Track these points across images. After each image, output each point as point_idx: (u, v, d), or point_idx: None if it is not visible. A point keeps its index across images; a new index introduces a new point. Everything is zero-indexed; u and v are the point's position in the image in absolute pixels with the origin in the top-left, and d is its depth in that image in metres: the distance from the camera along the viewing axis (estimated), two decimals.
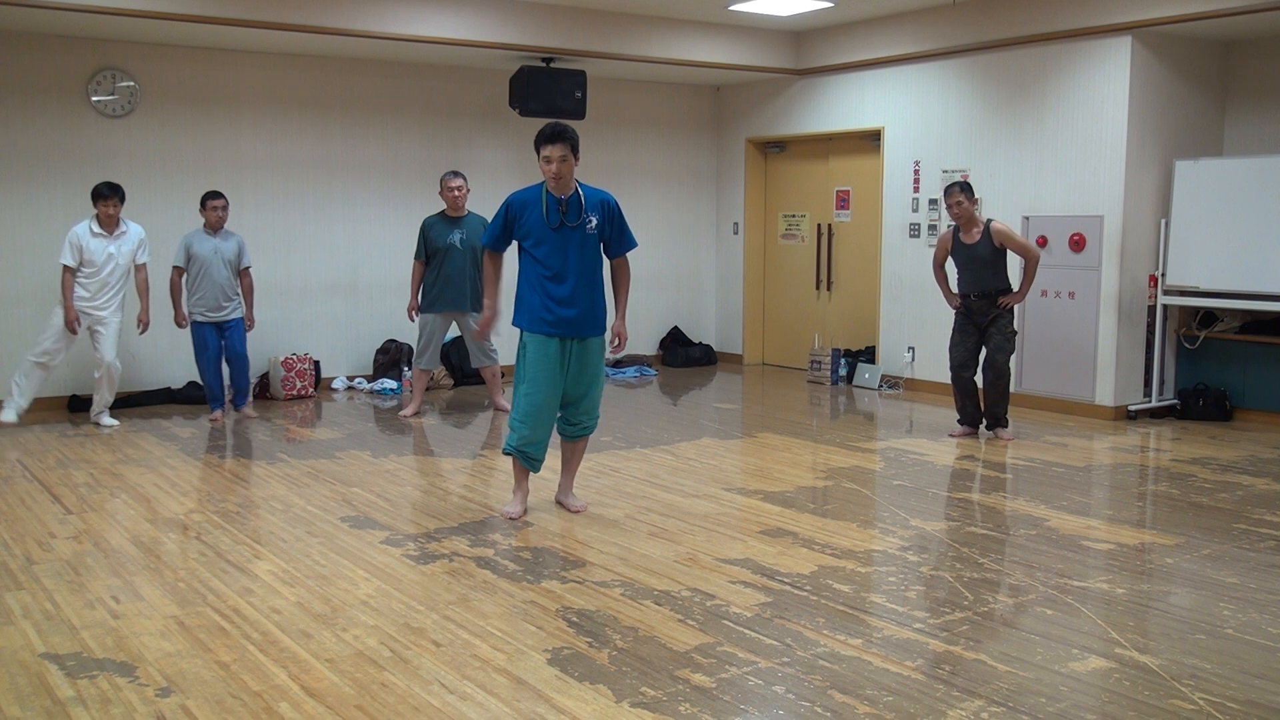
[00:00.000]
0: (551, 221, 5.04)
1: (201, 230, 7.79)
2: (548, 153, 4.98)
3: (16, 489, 5.90)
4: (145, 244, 7.67)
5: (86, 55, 8.20)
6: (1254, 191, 7.51)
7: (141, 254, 7.65)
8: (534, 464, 5.27)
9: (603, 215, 5.13)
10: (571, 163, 5.02)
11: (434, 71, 9.57)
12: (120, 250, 7.52)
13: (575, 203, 5.07)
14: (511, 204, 5.14)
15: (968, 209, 7.04)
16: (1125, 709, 3.24)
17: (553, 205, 5.05)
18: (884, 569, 4.60)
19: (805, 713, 3.22)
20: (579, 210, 5.07)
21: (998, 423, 7.26)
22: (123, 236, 7.53)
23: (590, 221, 5.09)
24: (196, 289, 7.73)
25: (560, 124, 5.04)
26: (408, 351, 9.33)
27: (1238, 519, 5.34)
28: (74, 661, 3.59)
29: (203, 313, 7.75)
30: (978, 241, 7.06)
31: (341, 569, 4.54)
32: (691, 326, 11.28)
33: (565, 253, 5.06)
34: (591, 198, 5.13)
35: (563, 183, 5.04)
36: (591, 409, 5.29)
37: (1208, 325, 8.09)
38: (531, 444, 5.17)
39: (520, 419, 5.13)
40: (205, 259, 7.71)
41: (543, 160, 5.01)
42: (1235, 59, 8.18)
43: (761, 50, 9.80)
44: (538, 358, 5.08)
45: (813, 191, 10.51)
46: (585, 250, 5.10)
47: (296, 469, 6.40)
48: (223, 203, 7.78)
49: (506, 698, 3.31)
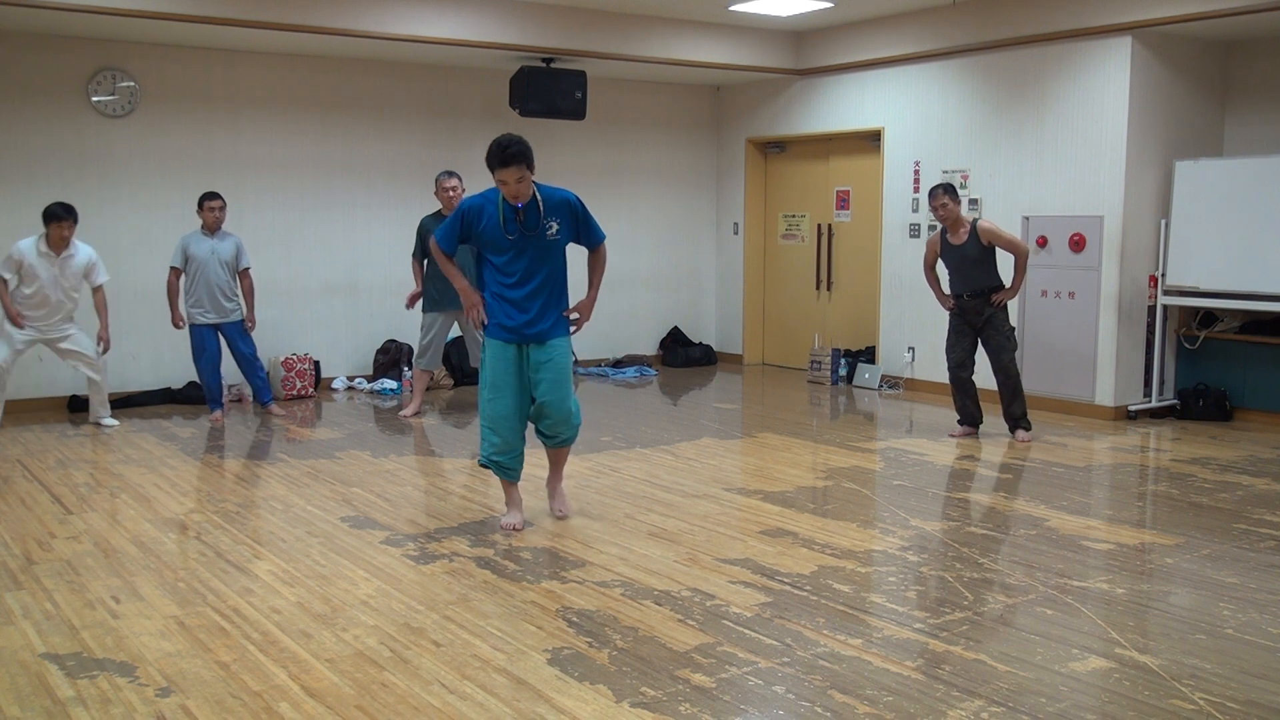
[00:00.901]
0: (509, 231, 4.84)
1: (199, 231, 7.76)
2: (503, 176, 4.72)
3: (16, 489, 5.90)
4: (98, 265, 7.46)
5: (86, 55, 8.20)
6: (1254, 191, 7.51)
7: (96, 275, 7.45)
8: (510, 473, 5.11)
9: (565, 217, 4.95)
10: (529, 178, 4.79)
11: (434, 71, 9.57)
12: (64, 273, 7.30)
13: (533, 209, 4.86)
14: (466, 212, 4.90)
15: (953, 210, 7.05)
16: (1125, 709, 3.24)
17: (510, 215, 4.84)
18: (884, 569, 4.60)
19: (805, 713, 3.22)
20: (538, 217, 4.87)
21: (1018, 424, 7.22)
22: (70, 260, 7.31)
23: (551, 227, 4.90)
24: (193, 291, 7.70)
25: (511, 145, 4.72)
26: (407, 351, 9.34)
27: (1238, 519, 5.34)
28: (74, 661, 3.59)
29: (200, 314, 7.72)
30: (965, 242, 7.07)
31: (341, 569, 4.54)
32: (691, 326, 11.29)
33: (525, 260, 4.89)
34: (551, 199, 4.92)
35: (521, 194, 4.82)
36: (565, 417, 5.07)
37: (1208, 325, 8.09)
38: (502, 452, 5.02)
39: (488, 426, 5.01)
40: (202, 260, 7.68)
41: (499, 182, 4.77)
42: (1235, 59, 8.18)
43: (761, 50, 9.81)
44: (495, 361, 4.96)
45: (813, 191, 10.51)
46: (546, 256, 4.92)
47: (296, 469, 6.40)
48: (220, 204, 7.75)
49: (506, 698, 3.31)
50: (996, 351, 7.11)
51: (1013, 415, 7.23)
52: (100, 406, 7.67)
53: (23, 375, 7.95)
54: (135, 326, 8.49)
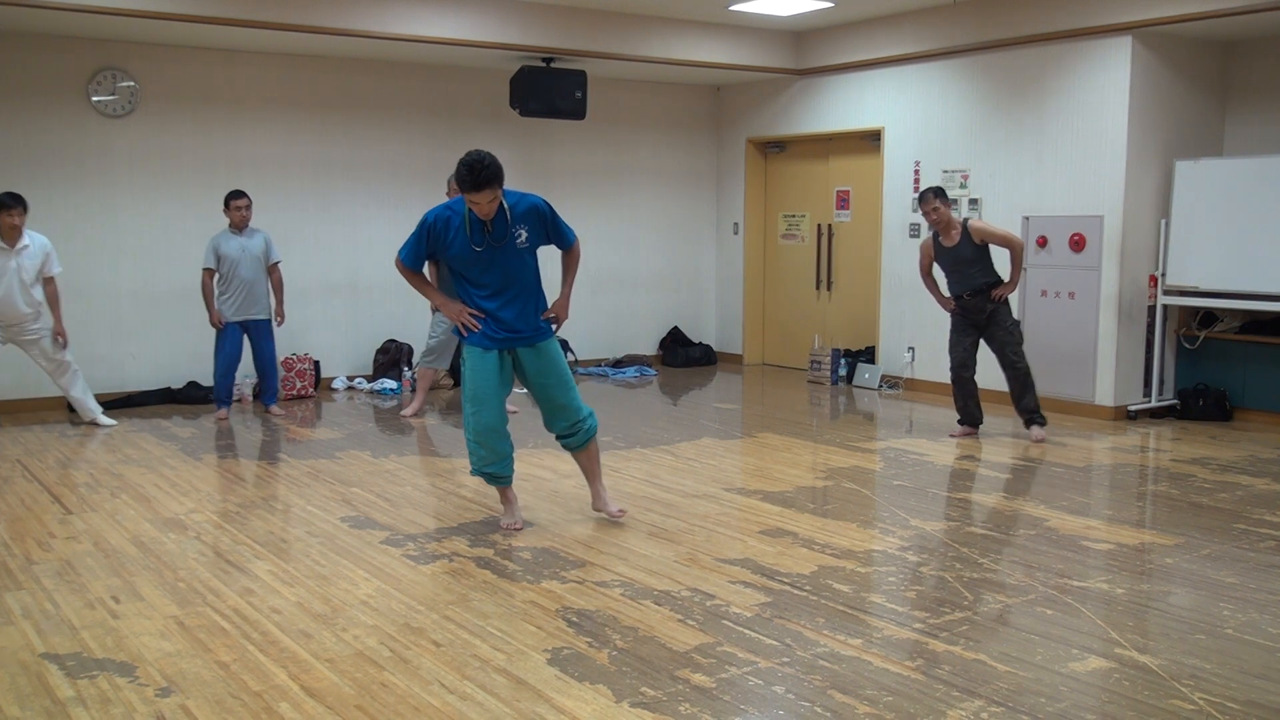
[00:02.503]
0: (476, 243, 4.78)
1: (227, 230, 7.82)
2: (475, 199, 4.64)
3: (16, 489, 5.90)
4: (53, 255, 7.40)
5: (86, 55, 8.20)
6: (1254, 191, 7.51)
7: (50, 265, 7.37)
8: (501, 480, 5.09)
9: (533, 223, 4.86)
10: (499, 196, 4.70)
11: (434, 71, 9.57)
12: (22, 264, 7.22)
13: (500, 220, 4.78)
14: (431, 225, 4.84)
15: (944, 214, 7.04)
16: (1125, 709, 3.24)
17: (476, 225, 4.77)
18: (884, 569, 4.60)
19: (805, 713, 3.22)
20: (505, 226, 4.79)
21: (1032, 418, 7.15)
22: (24, 250, 7.23)
23: (520, 235, 4.82)
24: (226, 289, 7.77)
25: (483, 169, 4.59)
26: (408, 351, 9.34)
27: (1238, 519, 5.34)
28: (74, 661, 3.59)
29: (231, 312, 7.78)
30: (958, 243, 7.06)
31: (341, 569, 4.54)
32: (691, 326, 11.29)
33: (497, 271, 4.82)
34: (519, 207, 4.84)
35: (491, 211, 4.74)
36: (574, 412, 5.05)
37: (1208, 325, 8.08)
38: (492, 464, 5.00)
39: (475, 440, 4.96)
40: (234, 258, 7.74)
41: (470, 203, 4.68)
42: (1235, 59, 8.18)
43: (761, 50, 9.80)
44: (476, 373, 4.92)
45: (813, 191, 10.51)
46: (517, 264, 4.85)
47: (296, 469, 6.40)
48: (246, 202, 7.81)
49: (506, 698, 3.31)
50: (1003, 347, 7.10)
51: (1026, 409, 7.16)
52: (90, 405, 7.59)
53: (23, 375, 7.95)
54: (135, 326, 8.49)
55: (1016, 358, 7.10)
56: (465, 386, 5.00)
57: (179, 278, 8.49)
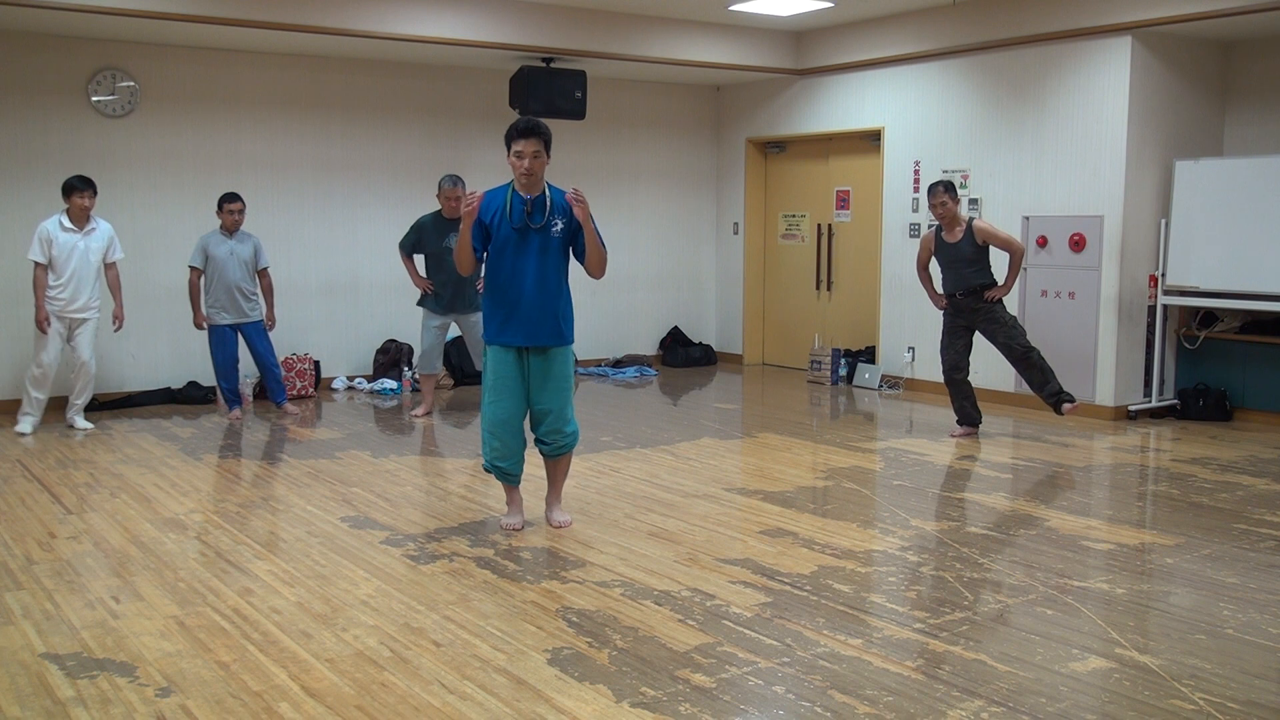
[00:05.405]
0: (515, 221, 4.82)
1: (218, 232, 7.80)
2: (520, 148, 4.73)
3: (16, 489, 5.90)
4: (116, 241, 7.53)
5: (86, 55, 8.20)
6: (1254, 191, 7.51)
7: (114, 251, 7.51)
8: (510, 478, 5.11)
9: (570, 219, 4.89)
10: (544, 160, 4.79)
11: (434, 71, 9.57)
12: (90, 246, 7.35)
13: (541, 204, 4.85)
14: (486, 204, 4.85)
15: (951, 209, 7.05)
16: (1125, 709, 3.24)
17: (518, 204, 4.83)
18: (884, 569, 4.60)
19: (805, 713, 3.22)
20: (544, 213, 4.85)
21: (1061, 397, 7.10)
22: (93, 233, 7.37)
23: (556, 225, 4.87)
24: (212, 291, 7.75)
25: (535, 119, 4.82)
26: (408, 351, 9.34)
27: (1238, 519, 5.34)
28: (74, 661, 3.59)
29: (220, 315, 7.76)
30: (961, 240, 7.07)
31: (341, 569, 4.54)
32: (691, 326, 11.28)
33: (525, 255, 4.85)
34: (560, 200, 4.89)
35: (533, 181, 4.81)
36: (562, 424, 5.03)
37: (1208, 325, 8.08)
38: (503, 458, 5.03)
39: (489, 430, 5.01)
40: (221, 261, 7.72)
41: (514, 156, 4.76)
42: (1235, 59, 8.18)
43: (761, 50, 9.80)
44: (496, 366, 4.95)
45: (813, 191, 10.51)
46: (547, 254, 4.87)
47: (296, 469, 6.40)
48: (239, 206, 7.77)
49: (506, 698, 3.31)
50: (1006, 342, 7.10)
51: (1052, 393, 7.11)
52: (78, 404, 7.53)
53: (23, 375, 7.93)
54: (135, 326, 8.47)
55: (1024, 347, 7.09)
56: (485, 377, 5.04)
57: (179, 278, 8.45)
